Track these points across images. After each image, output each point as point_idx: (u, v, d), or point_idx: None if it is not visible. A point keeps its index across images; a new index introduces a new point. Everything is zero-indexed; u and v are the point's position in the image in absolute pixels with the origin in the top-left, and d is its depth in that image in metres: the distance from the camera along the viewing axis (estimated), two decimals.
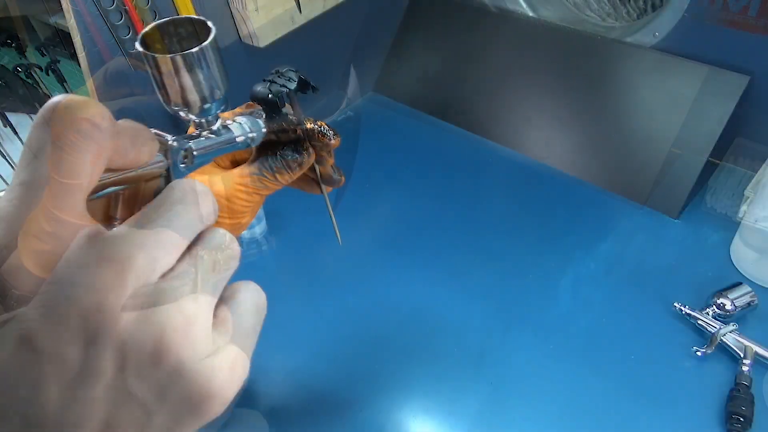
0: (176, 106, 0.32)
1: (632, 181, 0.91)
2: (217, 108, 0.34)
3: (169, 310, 0.21)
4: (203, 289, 0.22)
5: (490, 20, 1.08)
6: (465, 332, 0.75)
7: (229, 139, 0.36)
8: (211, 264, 0.23)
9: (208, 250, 0.23)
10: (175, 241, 0.22)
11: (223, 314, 0.24)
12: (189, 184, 0.24)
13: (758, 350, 0.65)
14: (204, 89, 0.31)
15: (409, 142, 1.10)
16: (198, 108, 0.32)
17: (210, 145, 0.34)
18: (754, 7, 0.78)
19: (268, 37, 0.91)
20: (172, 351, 0.21)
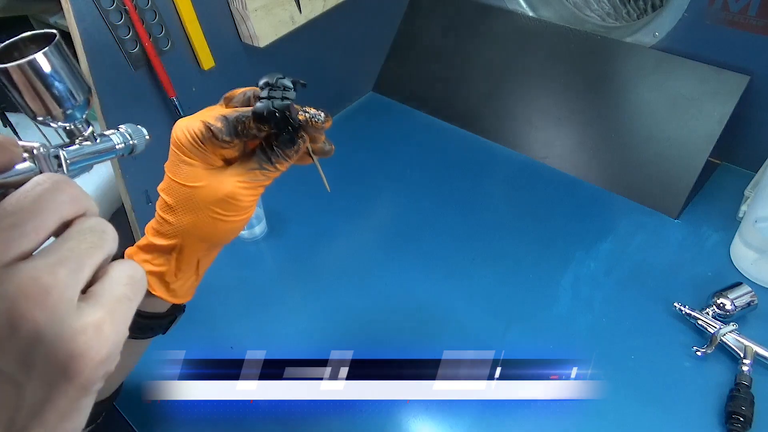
0: (41, 117, 0.33)
1: (632, 181, 0.91)
2: (81, 112, 0.34)
3: (21, 281, 0.21)
4: (64, 264, 0.22)
5: (491, 20, 1.08)
6: (465, 331, 0.75)
7: (107, 147, 0.37)
8: (76, 243, 0.23)
9: (75, 233, 0.24)
10: (29, 223, 0.22)
11: (92, 288, 0.24)
12: (45, 174, 0.24)
13: (758, 350, 0.65)
14: (60, 93, 0.32)
15: (409, 142, 1.10)
16: (61, 114, 0.33)
17: (85, 152, 0.34)
18: (754, 7, 0.78)
19: (268, 37, 0.91)
20: (27, 317, 0.21)
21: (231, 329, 0.78)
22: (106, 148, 0.37)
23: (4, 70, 0.31)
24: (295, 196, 0.99)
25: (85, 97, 0.34)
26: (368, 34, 1.16)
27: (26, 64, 0.31)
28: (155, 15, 0.81)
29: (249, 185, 0.46)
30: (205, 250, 0.51)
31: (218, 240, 0.50)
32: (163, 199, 0.48)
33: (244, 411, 0.68)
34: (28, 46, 0.33)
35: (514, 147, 1.03)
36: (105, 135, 0.38)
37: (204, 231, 0.48)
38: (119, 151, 0.38)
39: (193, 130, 0.45)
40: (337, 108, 1.19)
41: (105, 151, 0.37)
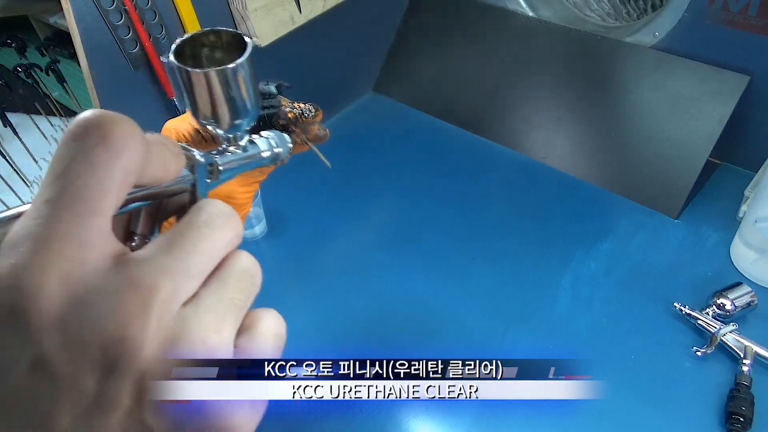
0: (205, 120, 0.31)
1: (632, 181, 0.91)
2: (248, 124, 0.33)
3: (192, 343, 0.20)
4: (226, 319, 0.21)
5: (491, 20, 1.08)
6: (465, 331, 0.75)
7: (255, 154, 0.35)
8: (235, 291, 0.22)
9: (232, 277, 0.22)
10: (200, 267, 0.21)
11: (243, 344, 0.23)
12: (218, 206, 0.23)
13: (758, 350, 0.65)
14: (236, 105, 0.30)
15: (409, 142, 1.10)
16: (228, 123, 0.31)
17: (236, 160, 0.33)
18: (754, 7, 0.78)
19: (268, 37, 0.91)
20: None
21: None
22: (254, 156, 0.35)
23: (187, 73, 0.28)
24: (295, 196, 0.99)
25: (256, 109, 0.32)
26: (368, 34, 1.16)
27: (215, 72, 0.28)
28: (155, 15, 0.81)
29: (244, 182, 0.46)
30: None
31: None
32: None
33: None
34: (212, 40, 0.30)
35: (514, 147, 1.03)
36: (252, 142, 0.36)
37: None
38: (265, 160, 0.37)
39: (182, 132, 0.44)
40: (337, 108, 1.19)
41: (252, 160, 0.35)
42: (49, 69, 1.07)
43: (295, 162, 0.55)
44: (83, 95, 1.09)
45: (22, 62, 1.08)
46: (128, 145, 0.20)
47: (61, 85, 1.08)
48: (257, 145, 0.36)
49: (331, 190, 1.00)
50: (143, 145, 0.20)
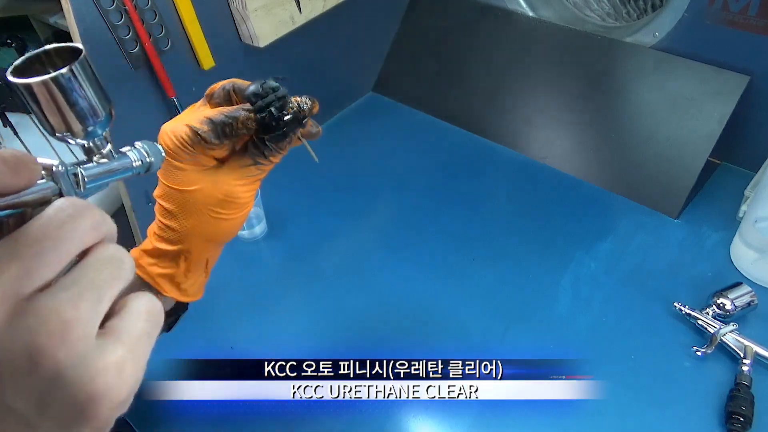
0: (59, 133, 0.32)
1: (632, 181, 0.91)
2: (102, 129, 0.33)
3: (43, 316, 0.20)
4: (84, 296, 0.21)
5: (490, 20, 1.08)
6: (465, 331, 0.75)
7: (124, 165, 0.36)
8: (95, 272, 0.22)
9: (94, 261, 0.23)
10: (50, 252, 0.21)
11: (111, 323, 0.23)
12: (68, 199, 0.23)
13: (758, 350, 0.65)
14: (82, 111, 0.31)
15: (409, 142, 1.10)
16: (81, 131, 0.32)
17: (103, 170, 0.33)
18: (754, 7, 0.78)
19: (268, 37, 0.91)
20: (48, 356, 0.20)
21: (231, 329, 0.78)
22: (123, 166, 0.36)
23: (27, 86, 0.29)
24: (295, 196, 0.99)
25: (107, 113, 0.33)
26: (368, 34, 1.16)
27: (50, 80, 0.30)
28: (155, 15, 0.81)
29: (245, 182, 0.46)
30: (212, 249, 0.51)
31: (223, 238, 0.50)
32: (161, 206, 0.47)
33: (244, 411, 0.68)
34: (50, 59, 0.32)
35: (514, 147, 1.03)
36: (122, 152, 0.37)
37: (208, 232, 0.48)
38: (136, 169, 0.37)
39: (180, 135, 0.44)
40: (337, 108, 1.19)
41: (122, 169, 0.36)
42: None
43: (296, 162, 0.56)
44: None
45: None
46: None
47: None
48: (126, 155, 0.37)
49: (331, 190, 1.00)
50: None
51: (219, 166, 0.46)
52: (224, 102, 0.46)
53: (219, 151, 0.46)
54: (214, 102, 0.46)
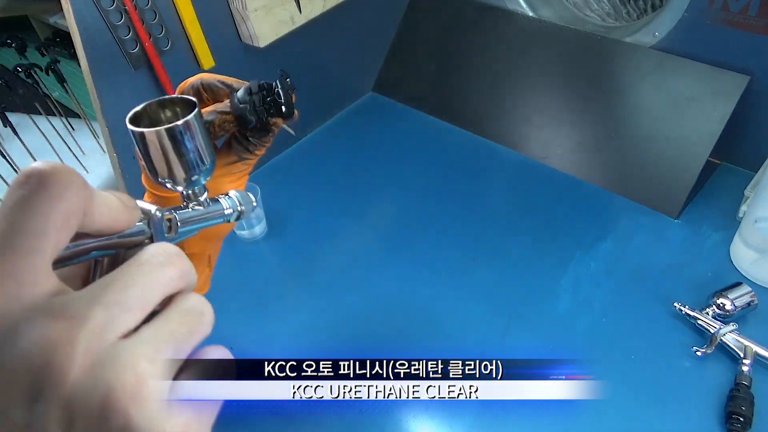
0: (162, 179, 0.32)
1: (632, 181, 0.91)
2: (204, 179, 0.34)
3: (120, 368, 0.20)
4: (162, 349, 0.21)
5: (490, 20, 1.08)
6: (465, 331, 0.75)
7: (217, 211, 0.36)
8: (176, 325, 0.22)
9: (176, 313, 0.23)
10: (137, 300, 0.21)
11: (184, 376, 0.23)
12: (161, 246, 0.23)
13: (758, 350, 0.65)
14: (189, 162, 0.32)
15: (409, 142, 1.10)
16: (184, 180, 0.33)
17: (196, 216, 0.33)
18: (754, 7, 0.78)
19: (268, 37, 0.91)
20: (120, 411, 0.19)
21: (231, 329, 0.78)
22: (216, 213, 0.36)
23: (141, 134, 0.30)
24: (295, 196, 0.99)
25: (211, 165, 0.34)
26: (368, 34, 1.16)
27: (164, 131, 0.30)
28: (155, 15, 0.81)
29: (233, 178, 0.46)
30: (211, 246, 0.51)
31: (219, 235, 0.50)
32: None
33: (244, 411, 0.68)
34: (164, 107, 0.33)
35: (514, 147, 1.03)
36: (216, 200, 0.37)
37: (203, 232, 0.47)
38: (227, 217, 0.37)
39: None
40: (337, 108, 1.19)
41: (214, 216, 0.36)
42: (49, 69, 1.07)
43: (296, 162, 0.55)
44: (83, 95, 1.09)
45: (22, 62, 1.08)
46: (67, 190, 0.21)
47: (61, 85, 1.08)
48: (220, 203, 0.37)
49: (331, 190, 1.00)
50: (83, 190, 0.21)
51: None
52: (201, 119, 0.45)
53: None
54: None
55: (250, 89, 0.42)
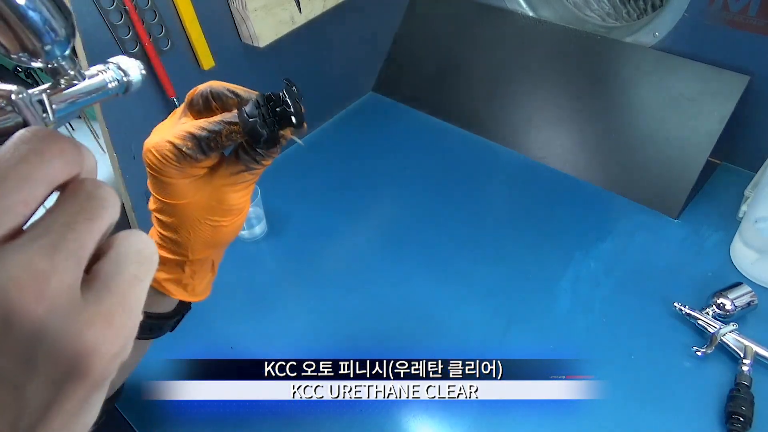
0: (15, 54, 0.28)
1: (632, 181, 0.91)
2: (62, 48, 0.29)
3: (13, 268, 0.18)
4: (62, 244, 0.19)
5: (490, 20, 1.08)
6: (465, 332, 0.75)
7: (97, 87, 0.32)
8: (71, 215, 0.20)
9: (69, 202, 0.20)
10: (16, 195, 0.19)
11: (96, 267, 0.21)
12: (30, 131, 0.20)
13: (758, 350, 0.65)
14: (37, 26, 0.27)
15: (409, 142, 1.10)
16: (39, 50, 0.28)
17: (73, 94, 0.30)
18: (754, 7, 0.78)
19: (268, 37, 0.91)
20: (24, 313, 0.18)
21: (231, 329, 0.78)
22: (97, 88, 0.32)
23: None
24: (295, 196, 0.99)
25: (68, 29, 0.29)
26: (368, 34, 1.16)
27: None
28: (155, 15, 0.81)
29: (239, 188, 0.45)
30: (216, 252, 0.51)
31: (224, 243, 0.49)
32: (158, 219, 0.47)
33: (244, 411, 0.68)
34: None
35: (514, 147, 1.03)
36: (94, 73, 0.33)
37: (208, 239, 0.47)
38: (112, 91, 0.33)
39: (163, 153, 0.42)
40: (337, 108, 1.19)
41: (96, 92, 0.32)
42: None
43: (296, 162, 0.55)
44: None
45: None
46: None
47: None
48: (98, 75, 0.33)
49: (331, 190, 1.00)
50: None
51: (210, 174, 0.45)
52: (204, 109, 0.44)
53: (208, 162, 0.44)
54: (194, 109, 0.44)
55: (258, 102, 0.41)
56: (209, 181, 0.45)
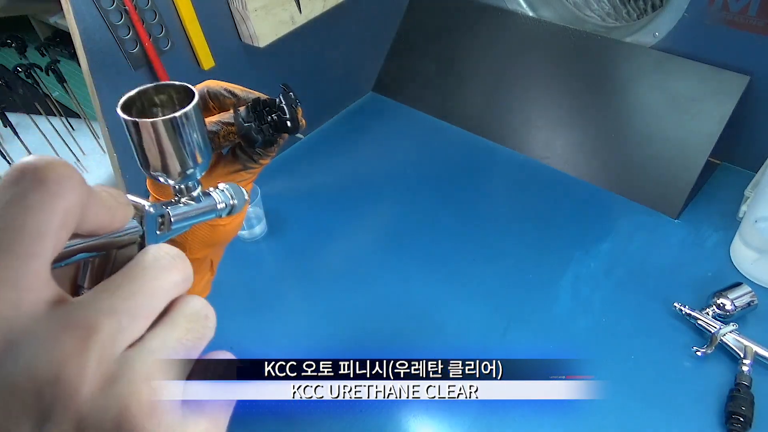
0: (155, 172, 0.30)
1: (632, 181, 0.91)
2: (199, 174, 0.32)
3: (134, 383, 0.18)
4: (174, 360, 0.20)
5: (491, 20, 1.08)
6: (465, 331, 0.75)
7: (209, 206, 0.34)
8: (184, 332, 0.21)
9: (182, 318, 0.22)
10: (145, 308, 0.20)
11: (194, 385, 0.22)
12: (163, 249, 0.22)
13: (758, 350, 0.65)
14: (185, 155, 0.30)
15: (409, 142, 1.10)
16: (178, 174, 0.31)
17: (189, 211, 0.32)
18: (754, 7, 0.78)
19: (268, 37, 0.91)
20: (137, 428, 0.18)
21: (231, 329, 0.78)
22: (208, 209, 0.34)
23: (135, 123, 0.28)
24: (295, 196, 0.99)
25: (207, 159, 0.31)
26: (368, 34, 1.16)
27: (161, 121, 0.28)
28: (155, 15, 0.81)
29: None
30: (215, 252, 0.51)
31: (222, 242, 0.50)
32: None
33: (244, 411, 0.68)
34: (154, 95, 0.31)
35: (514, 147, 1.03)
36: (208, 193, 0.35)
37: (206, 238, 0.47)
38: (219, 212, 0.35)
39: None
40: (337, 108, 1.19)
41: (206, 211, 0.34)
42: (49, 69, 1.07)
43: (296, 162, 0.55)
44: (83, 95, 1.09)
45: (22, 62, 1.08)
46: (65, 187, 0.19)
47: (61, 85, 1.08)
48: (212, 197, 0.35)
49: (331, 190, 1.00)
50: (82, 187, 0.20)
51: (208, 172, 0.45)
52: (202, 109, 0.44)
53: None
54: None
55: (253, 107, 0.41)
56: (206, 180, 0.45)
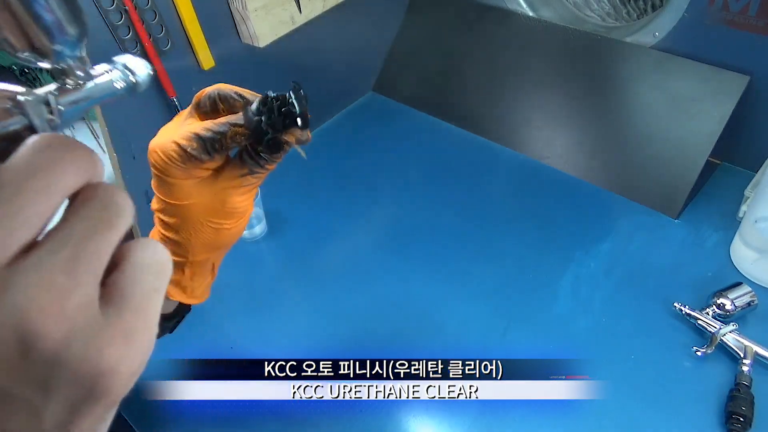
0: (23, 53, 0.26)
1: (632, 181, 0.91)
2: (73, 48, 0.28)
3: (31, 289, 0.17)
4: (80, 258, 0.18)
5: (490, 20, 1.08)
6: (465, 332, 0.75)
7: (104, 88, 0.31)
8: (91, 226, 0.19)
9: (84, 209, 0.19)
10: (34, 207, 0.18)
11: (112, 280, 0.20)
12: (46, 138, 0.19)
13: (758, 350, 0.65)
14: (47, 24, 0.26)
15: (409, 142, 1.10)
16: (48, 50, 0.27)
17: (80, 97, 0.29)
18: (754, 7, 0.78)
19: (268, 37, 0.91)
20: (43, 336, 0.17)
21: (231, 329, 0.78)
22: (104, 90, 0.31)
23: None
24: (295, 196, 0.99)
25: (81, 29, 0.27)
26: (368, 34, 1.16)
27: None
28: (155, 15, 0.81)
29: (243, 190, 0.45)
30: (216, 255, 0.51)
31: (225, 245, 0.50)
32: (161, 219, 0.47)
33: (244, 411, 0.68)
34: None
35: (514, 147, 1.03)
36: (100, 73, 0.31)
37: (210, 241, 0.47)
38: (119, 92, 0.32)
39: (168, 153, 0.42)
40: (337, 108, 1.19)
41: (102, 93, 0.31)
42: None
43: (295, 163, 0.55)
44: None
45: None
46: None
47: None
48: (105, 76, 0.32)
49: (331, 190, 1.00)
50: None
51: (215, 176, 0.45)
52: (211, 111, 0.44)
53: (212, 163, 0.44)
54: (201, 111, 0.44)
55: (264, 101, 0.41)
56: (213, 183, 0.45)
